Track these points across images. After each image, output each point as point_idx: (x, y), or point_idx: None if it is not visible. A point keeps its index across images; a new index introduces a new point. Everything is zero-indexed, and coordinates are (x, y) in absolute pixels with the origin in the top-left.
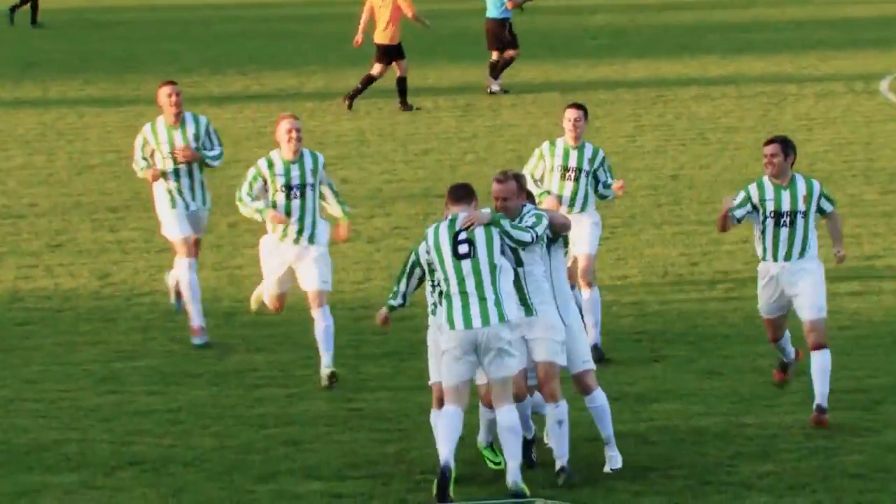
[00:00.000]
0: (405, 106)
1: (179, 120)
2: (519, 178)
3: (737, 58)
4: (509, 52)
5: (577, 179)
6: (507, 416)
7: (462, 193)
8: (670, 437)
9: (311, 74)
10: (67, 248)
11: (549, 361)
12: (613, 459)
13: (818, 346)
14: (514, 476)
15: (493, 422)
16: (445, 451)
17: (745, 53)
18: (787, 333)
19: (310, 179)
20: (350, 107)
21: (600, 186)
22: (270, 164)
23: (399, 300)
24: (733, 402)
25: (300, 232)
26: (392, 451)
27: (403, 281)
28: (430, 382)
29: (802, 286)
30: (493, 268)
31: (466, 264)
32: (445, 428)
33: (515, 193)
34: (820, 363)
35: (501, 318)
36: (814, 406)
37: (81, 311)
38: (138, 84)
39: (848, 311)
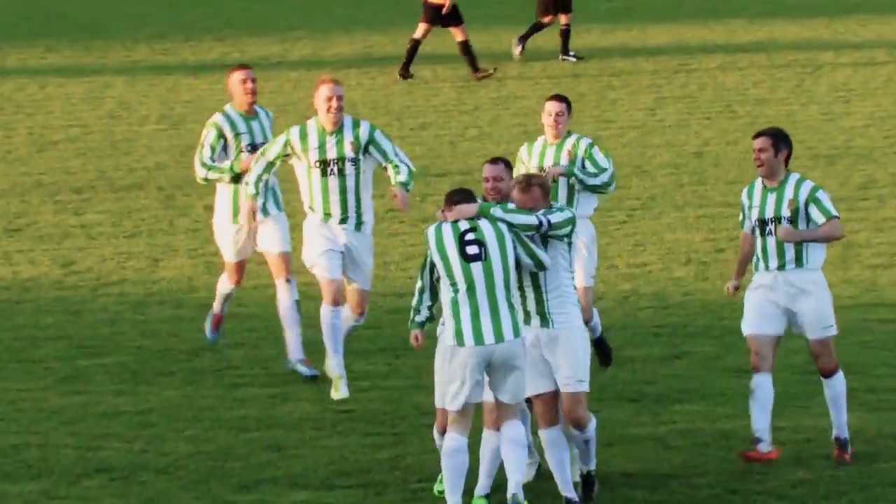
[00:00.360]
0: (406, 73)
1: (254, 109)
2: (543, 185)
3: (767, 22)
4: (564, 20)
5: (555, 179)
6: (513, 429)
7: (459, 198)
8: (693, 441)
9: (297, 41)
10: (27, 233)
11: (573, 392)
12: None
13: (828, 373)
14: (514, 489)
15: (495, 456)
16: (454, 501)
17: (776, 17)
18: (768, 412)
19: (349, 153)
20: (480, 77)
21: (588, 180)
22: (304, 135)
23: (424, 315)
24: None
25: (344, 213)
26: (385, 458)
27: (427, 292)
28: (436, 404)
29: (804, 301)
30: (506, 271)
31: (477, 267)
32: (452, 470)
33: (540, 200)
34: (831, 391)
35: (516, 331)
36: (832, 438)
37: (42, 302)
38: (105, 51)
39: (890, 301)
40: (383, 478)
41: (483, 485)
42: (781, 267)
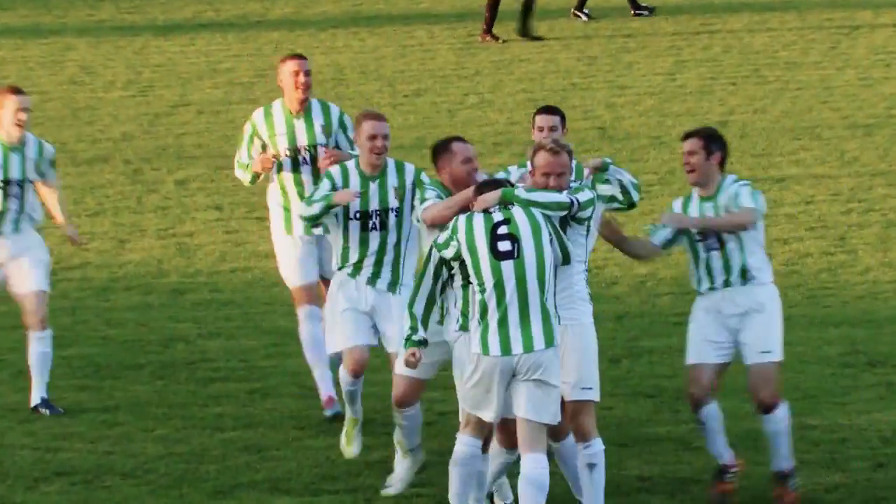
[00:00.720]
0: (526, 33)
1: (304, 107)
2: (570, 152)
3: None
4: None
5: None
6: (536, 467)
7: (489, 190)
8: None
9: None
10: None
11: (576, 400)
12: None
13: (765, 408)
14: None
15: (503, 466)
16: None
17: None
18: (723, 434)
19: (393, 202)
20: (529, 35)
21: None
22: (346, 179)
23: (421, 335)
24: (795, 399)
25: (376, 274)
26: (376, 460)
27: (422, 302)
28: (461, 416)
29: (748, 321)
30: (541, 270)
31: (508, 266)
32: (464, 477)
33: (568, 166)
34: (771, 426)
35: (549, 341)
36: (771, 473)
37: None
38: (65, 10)
39: None
40: (373, 482)
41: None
42: (727, 283)
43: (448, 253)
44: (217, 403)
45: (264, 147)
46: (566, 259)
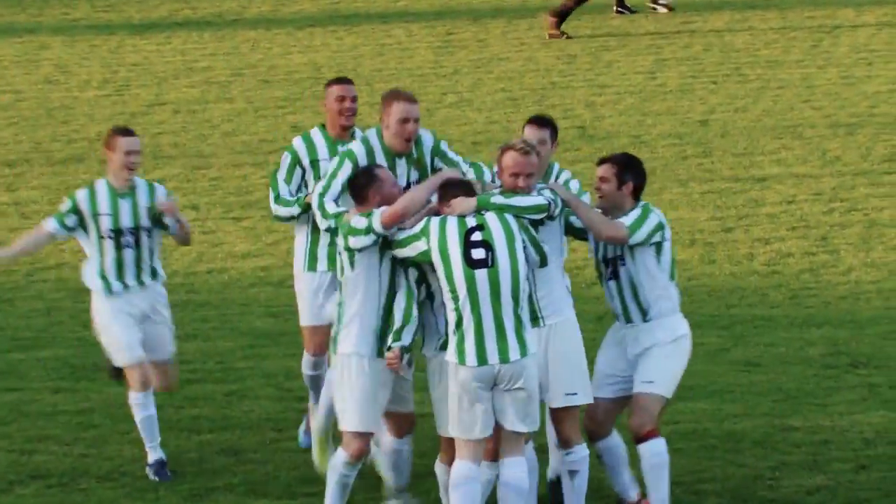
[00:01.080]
0: (559, 32)
1: (349, 134)
2: (539, 152)
3: None
4: None
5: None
6: (515, 471)
7: (456, 192)
8: (699, 443)
9: None
10: None
11: (560, 406)
12: None
13: (637, 438)
14: None
15: (488, 485)
16: None
17: None
18: (624, 468)
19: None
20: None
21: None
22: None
23: (409, 337)
24: (776, 400)
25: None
26: None
27: (413, 321)
28: (439, 432)
29: (645, 356)
30: (515, 279)
31: (482, 275)
32: (463, 499)
33: (537, 168)
34: (644, 462)
35: (524, 351)
36: None
37: None
38: (40, 8)
39: None
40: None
41: None
42: (628, 319)
43: (408, 252)
44: (193, 405)
45: (304, 175)
46: (543, 262)
